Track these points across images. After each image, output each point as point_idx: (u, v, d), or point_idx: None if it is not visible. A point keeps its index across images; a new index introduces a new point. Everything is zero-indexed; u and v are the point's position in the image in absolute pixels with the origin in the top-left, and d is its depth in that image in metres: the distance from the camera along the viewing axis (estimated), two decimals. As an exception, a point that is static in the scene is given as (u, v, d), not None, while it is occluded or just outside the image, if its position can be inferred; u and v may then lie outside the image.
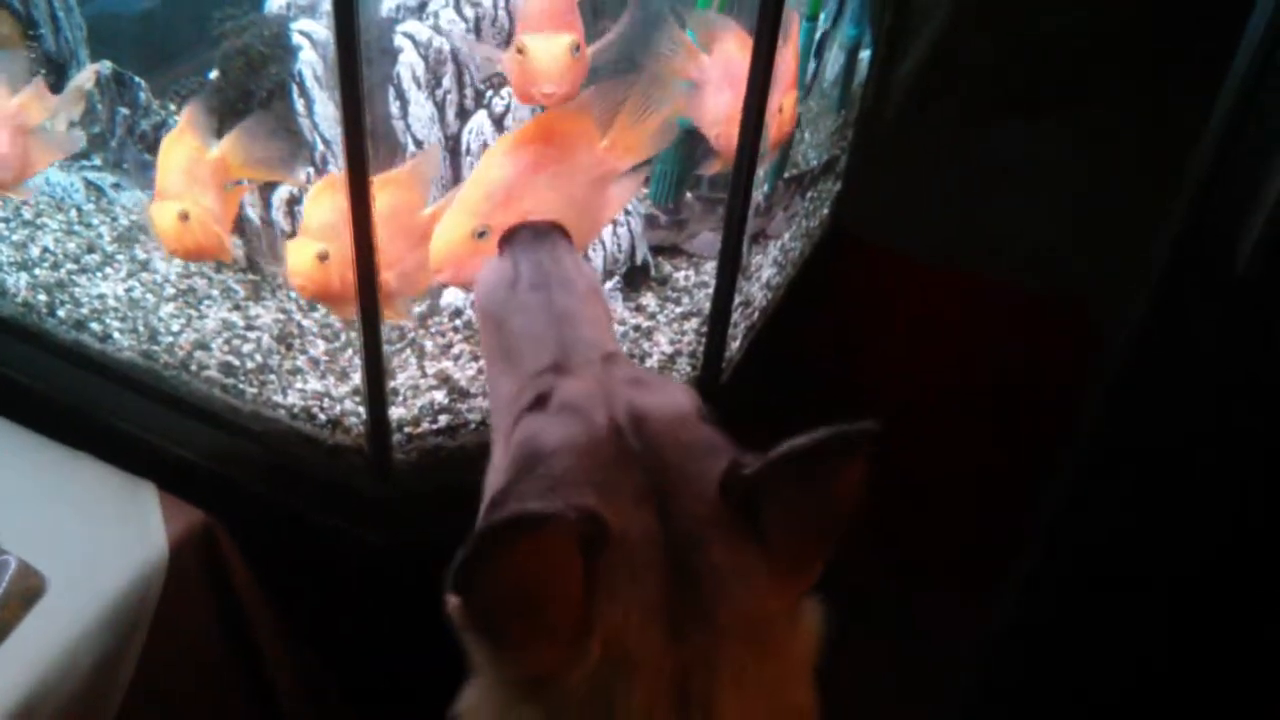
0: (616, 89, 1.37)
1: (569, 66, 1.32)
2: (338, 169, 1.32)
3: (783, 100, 1.55)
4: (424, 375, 1.55)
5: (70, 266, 1.70)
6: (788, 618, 0.81)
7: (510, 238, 1.04)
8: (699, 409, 0.89)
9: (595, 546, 0.73)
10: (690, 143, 1.76)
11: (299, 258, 1.37)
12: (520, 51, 1.32)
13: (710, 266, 1.74)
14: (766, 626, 0.79)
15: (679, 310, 1.72)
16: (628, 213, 1.70)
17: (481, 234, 1.31)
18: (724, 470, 0.81)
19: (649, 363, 1.60)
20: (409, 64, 1.60)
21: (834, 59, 1.97)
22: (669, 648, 0.75)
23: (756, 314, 1.75)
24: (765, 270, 1.83)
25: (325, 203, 1.36)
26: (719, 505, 0.81)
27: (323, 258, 1.35)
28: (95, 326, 1.60)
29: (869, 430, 0.77)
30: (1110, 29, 1.89)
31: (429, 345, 1.60)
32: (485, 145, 1.64)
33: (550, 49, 1.31)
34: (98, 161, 1.88)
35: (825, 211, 2.04)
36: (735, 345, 1.66)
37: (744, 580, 0.79)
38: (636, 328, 1.67)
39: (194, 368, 1.55)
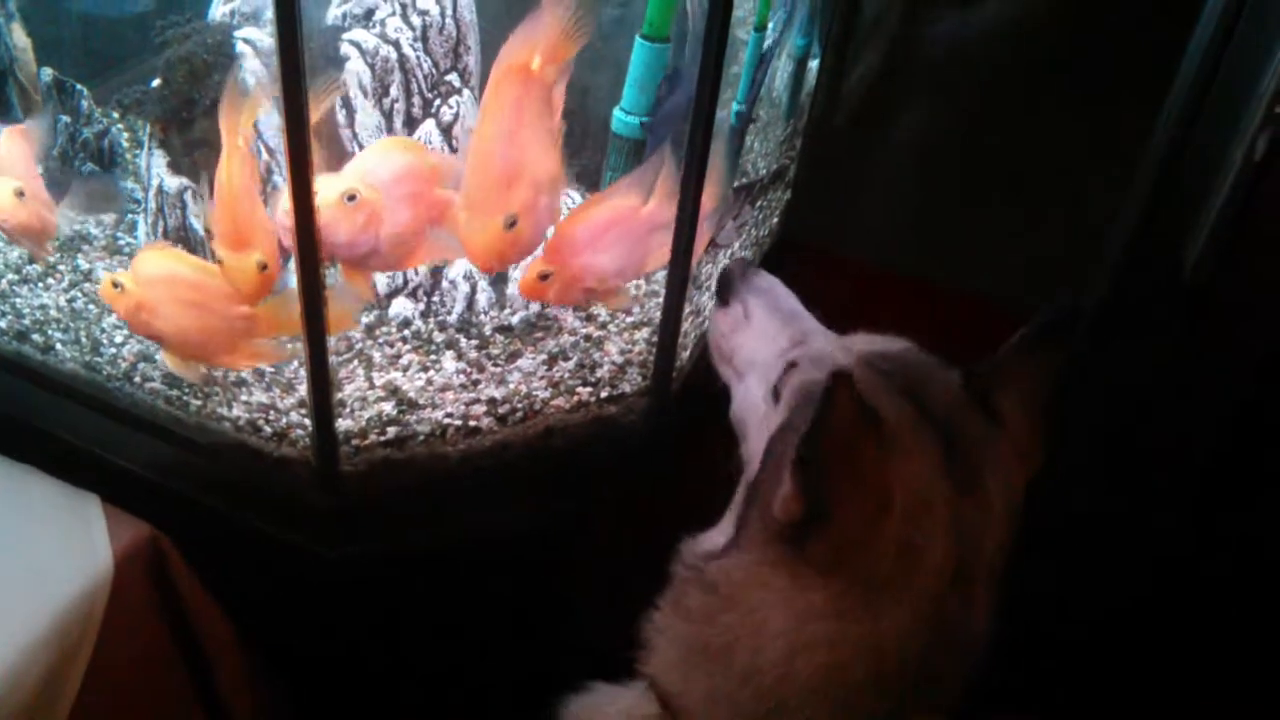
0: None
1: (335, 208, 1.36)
2: (282, 177, 1.31)
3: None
4: (372, 387, 1.54)
5: (11, 277, 1.67)
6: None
7: (726, 282, 1.30)
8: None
9: (877, 428, 0.91)
10: (639, 150, 1.76)
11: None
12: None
13: (661, 276, 1.73)
14: (1015, 501, 0.99)
15: (630, 320, 1.71)
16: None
17: (512, 224, 1.37)
18: (963, 368, 1.03)
19: (599, 373, 1.60)
20: (355, 72, 1.59)
21: (782, 68, 1.98)
22: (953, 505, 0.94)
23: (707, 324, 1.75)
24: (716, 280, 1.83)
25: None
26: (964, 395, 1.01)
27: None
28: (37, 338, 1.58)
29: (1072, 308, 1.05)
30: (1059, 37, 1.91)
31: (377, 356, 1.59)
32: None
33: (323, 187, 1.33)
34: (39, 170, 1.85)
35: (775, 220, 2.04)
36: (686, 355, 1.66)
37: (997, 451, 0.99)
38: (587, 337, 1.67)
39: (138, 379, 1.53)
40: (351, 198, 1.36)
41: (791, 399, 1.07)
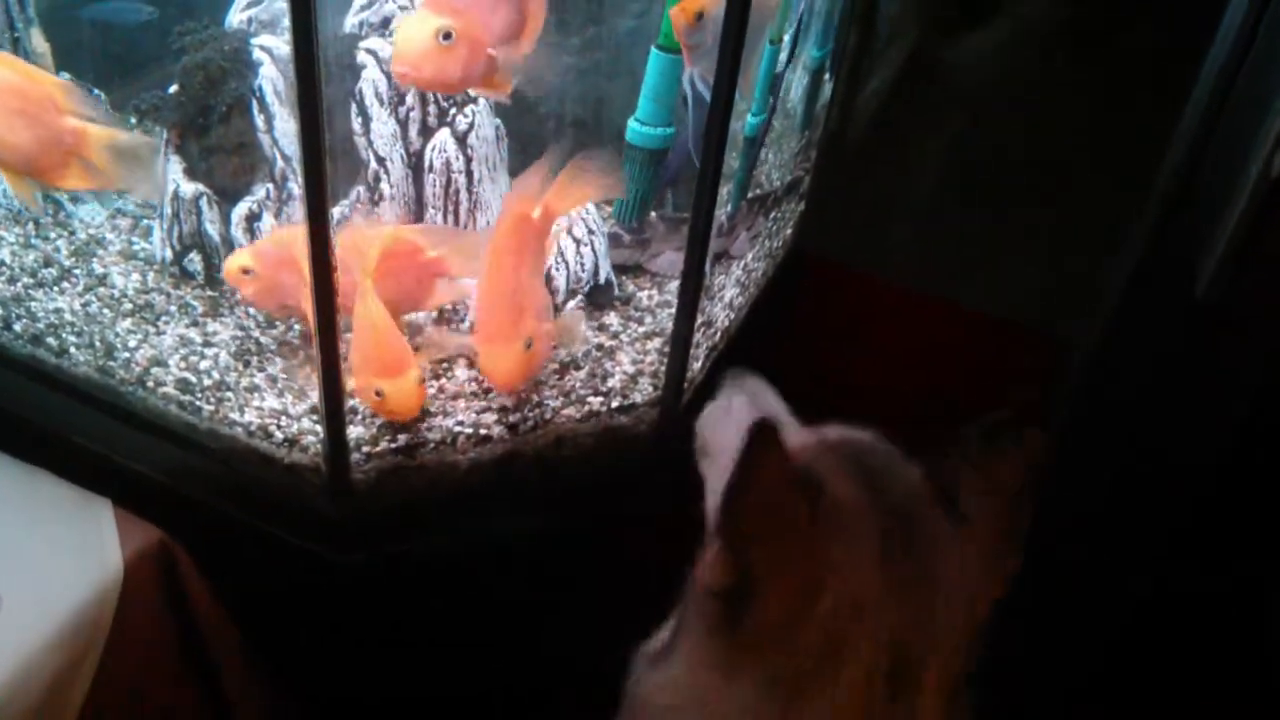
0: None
1: (432, 51, 1.30)
2: (298, 186, 1.31)
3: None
4: (384, 393, 1.54)
5: (27, 280, 1.68)
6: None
7: (721, 380, 1.21)
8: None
9: (813, 499, 0.87)
10: (655, 163, 1.76)
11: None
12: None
13: (673, 286, 1.74)
14: (980, 607, 0.92)
15: (642, 330, 1.71)
16: (591, 231, 1.70)
17: (529, 346, 1.45)
18: (926, 463, 0.96)
19: (610, 382, 1.60)
20: (371, 80, 1.60)
21: (797, 81, 1.98)
22: (891, 602, 0.87)
23: (719, 334, 1.75)
24: (728, 290, 1.83)
25: None
26: (926, 491, 0.95)
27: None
28: (52, 341, 1.59)
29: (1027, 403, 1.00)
30: (1077, 51, 1.91)
31: (389, 363, 1.59)
32: (448, 163, 1.63)
33: (413, 30, 1.31)
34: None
35: (788, 232, 2.04)
36: (697, 366, 1.66)
37: (958, 552, 0.92)
38: (599, 347, 1.67)
39: (151, 384, 1.54)
40: (447, 36, 1.28)
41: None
